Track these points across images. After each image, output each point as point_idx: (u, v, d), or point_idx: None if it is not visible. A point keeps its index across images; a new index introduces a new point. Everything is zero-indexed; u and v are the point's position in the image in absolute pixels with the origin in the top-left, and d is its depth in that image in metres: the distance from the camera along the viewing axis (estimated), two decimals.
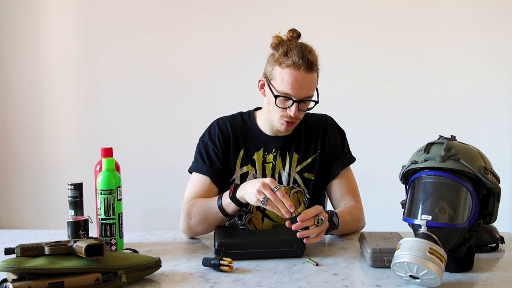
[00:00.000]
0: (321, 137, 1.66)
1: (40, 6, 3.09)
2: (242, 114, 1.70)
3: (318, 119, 1.71)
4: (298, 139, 1.66)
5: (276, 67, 1.50)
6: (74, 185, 1.43)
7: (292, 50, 1.48)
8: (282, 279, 1.17)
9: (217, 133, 1.63)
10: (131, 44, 3.06)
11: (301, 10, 2.97)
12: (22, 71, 3.12)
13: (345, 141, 1.72)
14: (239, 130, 1.65)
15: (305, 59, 1.46)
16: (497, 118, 2.92)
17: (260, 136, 1.65)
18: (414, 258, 1.04)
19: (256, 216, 1.64)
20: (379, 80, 2.97)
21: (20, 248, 1.08)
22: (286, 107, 1.51)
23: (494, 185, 1.16)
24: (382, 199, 2.69)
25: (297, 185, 1.64)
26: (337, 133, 1.69)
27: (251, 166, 1.63)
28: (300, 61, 1.46)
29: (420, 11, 2.93)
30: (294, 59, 1.46)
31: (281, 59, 1.49)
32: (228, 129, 1.64)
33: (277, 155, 1.64)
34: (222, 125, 1.65)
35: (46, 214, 3.13)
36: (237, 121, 1.67)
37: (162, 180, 3.04)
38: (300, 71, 1.46)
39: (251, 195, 1.34)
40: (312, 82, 1.50)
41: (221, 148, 1.62)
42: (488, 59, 2.90)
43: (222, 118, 1.68)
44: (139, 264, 1.15)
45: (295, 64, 1.46)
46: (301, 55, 1.47)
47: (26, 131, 3.15)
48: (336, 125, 1.72)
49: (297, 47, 1.49)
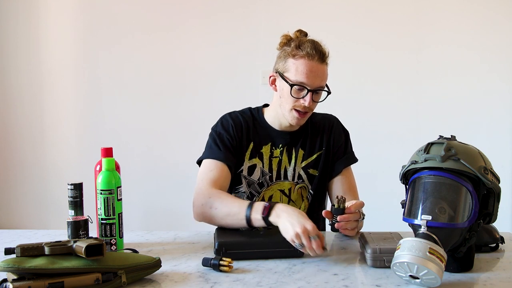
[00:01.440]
0: (326, 135, 1.70)
1: (40, 6, 3.09)
2: (251, 109, 1.73)
3: (323, 118, 1.75)
4: (304, 136, 1.69)
5: (290, 59, 1.55)
6: (74, 185, 1.43)
7: (305, 43, 1.54)
8: (282, 279, 1.17)
9: (231, 123, 1.65)
10: (131, 44, 3.06)
11: (301, 10, 2.97)
12: (22, 71, 3.12)
13: (349, 141, 1.75)
14: (250, 123, 1.68)
15: (318, 51, 1.53)
16: (497, 118, 2.92)
17: (269, 130, 1.67)
18: (414, 258, 1.04)
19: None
20: (379, 80, 2.97)
21: (20, 248, 1.08)
22: (300, 97, 1.55)
23: (494, 185, 1.16)
24: (382, 199, 2.69)
25: (301, 180, 1.67)
26: (341, 133, 1.73)
27: (258, 159, 1.65)
28: (313, 51, 1.52)
29: (420, 11, 2.94)
30: (307, 50, 1.52)
31: (294, 51, 1.54)
32: (240, 120, 1.67)
33: (283, 150, 1.66)
34: (235, 117, 1.68)
35: (46, 214, 3.13)
36: (247, 115, 1.70)
37: (162, 180, 3.04)
38: (314, 61, 1.52)
39: (287, 232, 1.29)
40: (325, 73, 1.57)
41: (235, 137, 1.63)
42: (488, 59, 2.90)
43: (233, 112, 1.71)
44: (139, 264, 1.15)
45: (309, 54, 1.52)
46: (314, 46, 1.53)
47: (26, 131, 3.15)
48: (341, 125, 1.76)
49: (309, 41, 1.55)
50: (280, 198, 1.66)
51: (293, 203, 1.67)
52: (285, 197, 1.67)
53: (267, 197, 1.66)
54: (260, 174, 1.65)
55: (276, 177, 1.66)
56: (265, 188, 1.66)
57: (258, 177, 1.65)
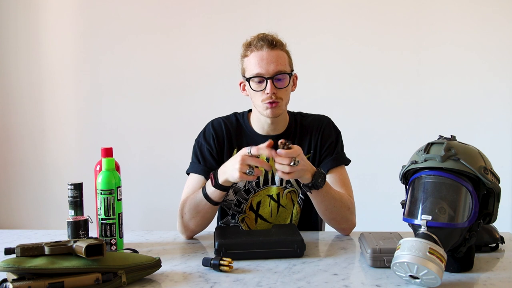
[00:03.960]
0: (314, 137, 1.66)
1: (40, 6, 3.09)
2: (236, 115, 1.72)
3: (314, 120, 1.70)
4: (292, 139, 1.64)
5: (244, 60, 1.59)
6: (74, 185, 1.43)
7: (252, 39, 1.57)
8: (282, 279, 1.17)
9: (211, 133, 1.66)
10: (132, 44, 3.06)
11: (301, 10, 2.97)
12: (22, 71, 3.12)
13: (339, 141, 1.69)
14: (233, 130, 1.67)
15: (265, 39, 1.54)
16: (497, 118, 2.92)
17: (253, 135, 1.65)
18: (414, 258, 1.04)
19: (249, 216, 1.65)
20: (379, 80, 2.97)
21: (20, 248, 1.08)
22: (263, 88, 1.54)
23: (494, 185, 1.16)
24: (382, 199, 2.70)
25: (290, 185, 1.64)
26: (331, 132, 1.67)
27: None
28: (260, 42, 1.54)
29: (420, 11, 2.94)
30: (254, 43, 1.55)
31: (244, 51, 1.58)
32: (222, 128, 1.66)
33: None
34: (217, 125, 1.68)
35: (46, 214, 3.13)
36: (231, 121, 1.69)
37: (162, 180, 3.04)
38: (262, 50, 1.54)
39: (234, 172, 1.37)
40: (279, 57, 1.55)
41: (215, 147, 1.64)
42: (488, 59, 2.90)
43: (217, 119, 1.71)
44: (139, 264, 1.15)
45: (256, 46, 1.54)
46: (260, 38, 1.55)
47: (26, 131, 3.15)
48: (332, 125, 1.70)
49: (257, 36, 1.57)
50: (269, 204, 1.64)
51: (283, 208, 1.64)
52: (274, 202, 1.64)
53: (255, 203, 1.64)
54: (246, 181, 1.61)
55: (263, 183, 1.64)
56: (252, 194, 1.64)
57: (244, 183, 1.63)
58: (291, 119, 1.68)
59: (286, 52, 1.58)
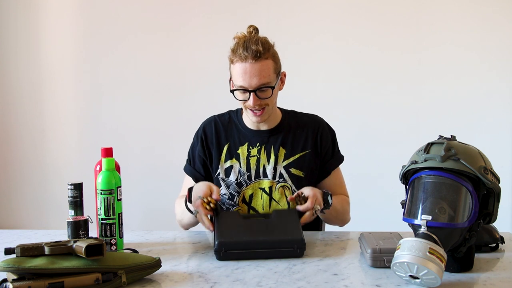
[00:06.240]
0: (312, 136, 1.70)
1: (40, 6, 3.09)
2: (230, 112, 1.77)
3: (309, 118, 1.75)
4: (285, 134, 1.69)
5: (231, 66, 1.60)
6: (74, 185, 1.43)
7: (239, 45, 1.56)
8: (282, 279, 1.17)
9: (201, 134, 1.73)
10: (132, 44, 3.06)
11: (301, 10, 2.97)
12: (22, 71, 3.12)
13: (336, 142, 1.76)
14: (224, 127, 1.72)
15: (250, 50, 1.53)
16: (497, 118, 2.92)
17: (245, 131, 1.71)
18: (414, 258, 1.04)
19: (242, 209, 1.67)
20: (380, 80, 2.97)
21: (20, 248, 1.08)
22: (246, 98, 1.57)
23: (494, 185, 1.16)
24: (382, 199, 2.69)
25: (283, 179, 1.66)
26: (328, 134, 1.74)
27: (235, 160, 1.68)
28: (245, 52, 1.53)
29: (420, 11, 2.93)
30: (239, 52, 1.54)
31: (231, 57, 1.59)
32: (212, 128, 1.72)
33: (261, 149, 1.68)
34: (207, 125, 1.74)
35: (46, 214, 3.13)
36: (224, 119, 1.74)
37: (162, 180, 3.04)
38: (247, 62, 1.53)
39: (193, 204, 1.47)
40: (262, 70, 1.55)
41: (203, 148, 1.71)
42: (488, 59, 2.90)
43: (210, 117, 1.77)
44: (139, 264, 1.15)
45: (241, 56, 1.54)
46: (246, 47, 1.54)
47: (26, 131, 3.15)
48: (327, 126, 1.76)
49: (243, 41, 1.56)
50: (261, 196, 1.66)
51: (276, 202, 1.65)
52: (266, 195, 1.65)
53: (248, 196, 1.66)
54: (238, 174, 1.66)
55: (255, 176, 1.67)
56: (245, 187, 1.66)
57: (236, 177, 1.66)
58: (284, 115, 1.73)
59: (271, 57, 1.57)
